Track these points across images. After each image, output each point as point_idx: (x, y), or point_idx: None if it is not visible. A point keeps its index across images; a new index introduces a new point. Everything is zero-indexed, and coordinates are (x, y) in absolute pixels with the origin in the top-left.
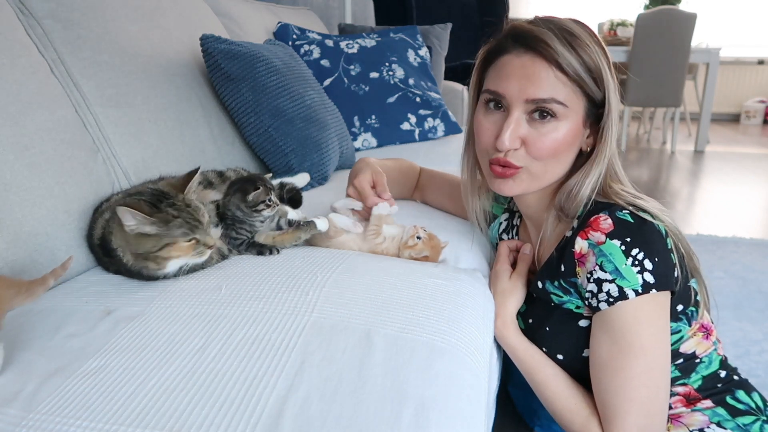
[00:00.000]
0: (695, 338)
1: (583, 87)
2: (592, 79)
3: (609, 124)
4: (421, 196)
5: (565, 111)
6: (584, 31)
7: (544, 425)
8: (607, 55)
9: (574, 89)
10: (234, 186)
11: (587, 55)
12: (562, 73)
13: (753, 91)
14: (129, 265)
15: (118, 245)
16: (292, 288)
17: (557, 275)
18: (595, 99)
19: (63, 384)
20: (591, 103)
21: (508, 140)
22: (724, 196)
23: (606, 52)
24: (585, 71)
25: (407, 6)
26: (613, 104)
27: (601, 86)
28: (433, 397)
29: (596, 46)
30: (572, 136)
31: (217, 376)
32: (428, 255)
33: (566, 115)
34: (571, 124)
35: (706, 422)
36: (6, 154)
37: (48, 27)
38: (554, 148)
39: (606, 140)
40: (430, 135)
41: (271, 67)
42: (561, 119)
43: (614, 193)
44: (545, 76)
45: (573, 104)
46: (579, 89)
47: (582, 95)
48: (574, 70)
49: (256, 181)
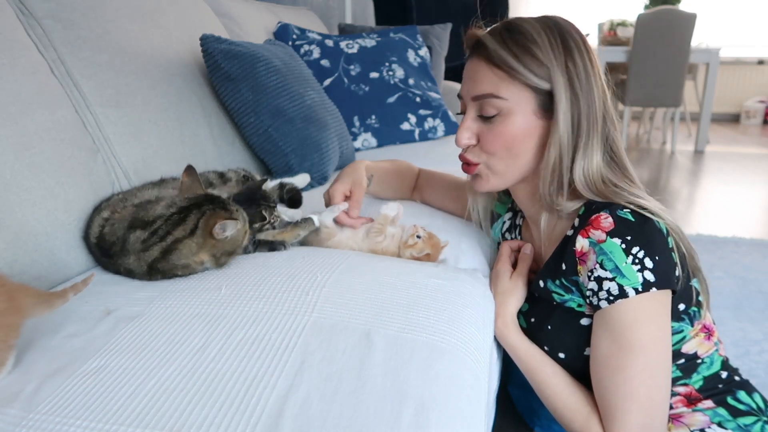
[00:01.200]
0: (697, 338)
1: (524, 80)
2: (535, 71)
3: (559, 111)
4: (420, 197)
5: (508, 105)
6: (539, 25)
7: (544, 425)
8: (569, 46)
9: (514, 83)
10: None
11: (529, 49)
12: (498, 68)
13: (753, 91)
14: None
15: (192, 256)
16: (292, 288)
17: (558, 274)
18: (545, 90)
19: (63, 384)
20: (543, 95)
21: (460, 137)
22: (724, 196)
23: (568, 43)
24: (523, 65)
25: (407, 6)
26: (560, 93)
27: (548, 76)
28: (433, 397)
29: (551, 38)
30: (522, 129)
31: (217, 376)
32: (429, 254)
33: (511, 108)
34: (519, 117)
35: (707, 422)
36: (6, 154)
37: (48, 27)
38: (503, 141)
39: (557, 127)
40: (430, 135)
41: (271, 67)
42: (508, 114)
43: (612, 193)
44: (483, 74)
45: (515, 97)
46: (520, 83)
47: (525, 87)
48: (509, 65)
49: (260, 205)
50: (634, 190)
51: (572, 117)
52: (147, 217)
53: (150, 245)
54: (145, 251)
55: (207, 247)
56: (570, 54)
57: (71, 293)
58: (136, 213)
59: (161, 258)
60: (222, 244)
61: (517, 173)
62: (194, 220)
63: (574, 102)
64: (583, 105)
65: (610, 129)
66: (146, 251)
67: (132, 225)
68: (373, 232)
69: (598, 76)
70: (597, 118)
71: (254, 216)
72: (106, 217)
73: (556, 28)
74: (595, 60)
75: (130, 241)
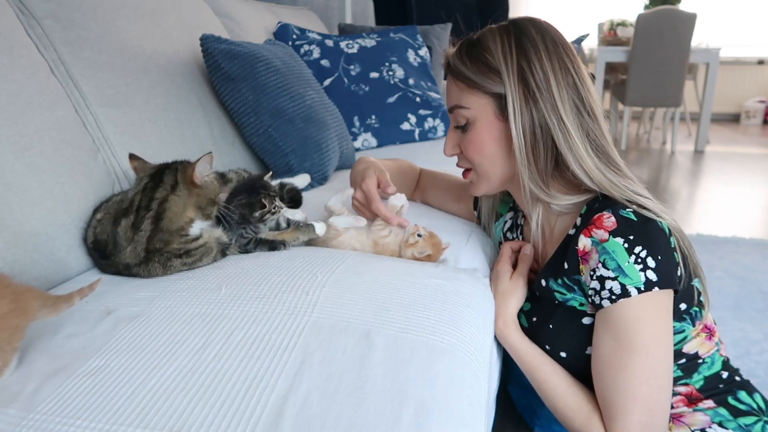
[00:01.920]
0: (698, 338)
1: (481, 88)
2: (489, 77)
3: (509, 110)
4: (421, 197)
5: (472, 113)
6: (497, 31)
7: (544, 425)
8: (523, 46)
9: (473, 92)
10: (239, 197)
11: (482, 57)
12: (459, 81)
13: (753, 91)
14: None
15: (182, 214)
16: (292, 288)
17: (561, 273)
18: (501, 93)
19: (63, 384)
20: (501, 98)
21: (445, 148)
22: (724, 196)
23: (522, 44)
24: (476, 74)
25: (407, 6)
26: (511, 92)
27: (501, 79)
28: (433, 398)
29: (504, 42)
30: (487, 134)
31: (217, 376)
32: (431, 254)
33: (475, 116)
34: (484, 123)
35: (707, 422)
36: (6, 154)
37: (48, 27)
38: (475, 148)
39: (511, 125)
40: (430, 135)
41: (271, 67)
42: (474, 121)
43: (609, 185)
44: (451, 89)
45: (477, 105)
46: (478, 91)
47: (484, 95)
48: (465, 76)
49: (260, 194)
50: (628, 183)
51: (530, 114)
52: (125, 204)
53: (139, 223)
54: (136, 232)
55: (192, 199)
56: (524, 53)
57: (77, 297)
58: (118, 207)
59: (155, 231)
60: (204, 191)
61: (500, 174)
62: (171, 178)
63: (530, 99)
64: (544, 101)
65: (588, 123)
66: (137, 231)
67: (116, 219)
68: (377, 225)
69: (570, 71)
70: (565, 112)
71: (254, 204)
72: (99, 219)
73: (514, 30)
74: (565, 55)
75: (120, 234)
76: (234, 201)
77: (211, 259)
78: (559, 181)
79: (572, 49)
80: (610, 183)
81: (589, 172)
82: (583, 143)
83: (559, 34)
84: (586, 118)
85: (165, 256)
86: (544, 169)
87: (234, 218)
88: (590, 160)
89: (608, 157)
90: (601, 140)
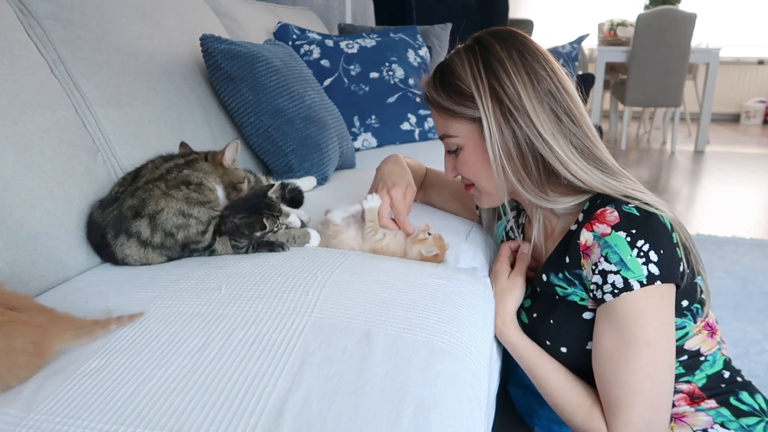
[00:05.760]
0: (700, 336)
1: (461, 115)
2: (465, 103)
3: (485, 128)
4: (423, 196)
5: (460, 140)
6: (464, 54)
7: (544, 425)
8: (491, 66)
9: (456, 120)
10: (240, 214)
11: (455, 86)
12: (442, 111)
13: (753, 91)
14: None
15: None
16: (292, 288)
17: (562, 267)
18: (479, 116)
19: (63, 384)
20: (480, 121)
21: (445, 172)
22: (724, 196)
23: (490, 64)
24: (454, 102)
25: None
26: (486, 112)
27: (476, 105)
28: (433, 397)
29: (473, 65)
30: (477, 156)
31: (217, 376)
32: (438, 254)
33: (463, 141)
34: (472, 146)
35: (709, 422)
36: (6, 154)
37: (48, 27)
38: (468, 170)
39: (487, 149)
40: (430, 135)
41: (271, 67)
42: (463, 146)
43: (602, 183)
44: (436, 119)
45: (462, 131)
46: (460, 118)
47: (465, 121)
48: (445, 107)
49: (263, 214)
50: (621, 181)
51: (512, 131)
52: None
53: (171, 171)
54: (163, 179)
55: (218, 173)
56: (493, 73)
57: (114, 325)
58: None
59: (178, 174)
60: (228, 174)
61: (500, 189)
62: (202, 157)
63: (509, 116)
64: (521, 116)
65: (570, 128)
66: (165, 178)
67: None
68: (368, 232)
69: (545, 78)
70: (542, 124)
71: (255, 224)
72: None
73: (479, 49)
74: (536, 63)
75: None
76: (235, 216)
77: (211, 216)
78: (557, 186)
79: (544, 54)
80: (602, 183)
81: (578, 176)
82: (568, 149)
83: (525, 42)
84: (567, 123)
85: (174, 181)
86: (539, 180)
87: (227, 228)
88: (577, 166)
89: (596, 160)
90: (586, 143)
